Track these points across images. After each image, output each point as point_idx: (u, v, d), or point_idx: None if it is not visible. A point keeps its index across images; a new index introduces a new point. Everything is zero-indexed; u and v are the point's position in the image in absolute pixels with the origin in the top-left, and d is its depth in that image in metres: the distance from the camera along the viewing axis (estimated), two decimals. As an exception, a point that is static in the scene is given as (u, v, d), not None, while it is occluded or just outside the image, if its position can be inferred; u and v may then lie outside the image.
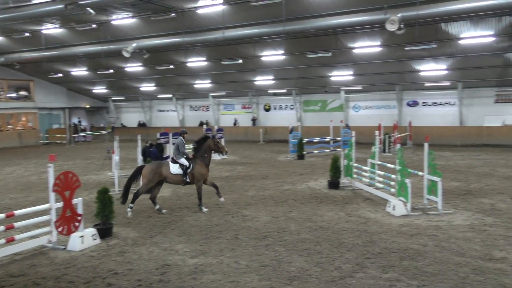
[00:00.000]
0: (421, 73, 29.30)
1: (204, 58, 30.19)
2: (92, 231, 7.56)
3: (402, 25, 18.42)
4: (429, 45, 23.04)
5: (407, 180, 9.09)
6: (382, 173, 11.23)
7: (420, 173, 9.76)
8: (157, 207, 9.91)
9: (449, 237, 7.35)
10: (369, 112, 33.86)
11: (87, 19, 21.43)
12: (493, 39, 23.16)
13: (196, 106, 41.02)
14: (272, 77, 33.19)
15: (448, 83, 30.18)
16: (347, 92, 34.07)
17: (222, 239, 7.58)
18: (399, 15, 17.82)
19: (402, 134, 25.23)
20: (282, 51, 26.70)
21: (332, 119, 24.97)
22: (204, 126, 23.10)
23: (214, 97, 38.81)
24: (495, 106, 29.26)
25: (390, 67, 28.93)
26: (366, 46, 25.58)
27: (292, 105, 36.32)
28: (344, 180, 12.53)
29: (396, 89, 32.01)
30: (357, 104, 34.64)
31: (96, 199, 7.86)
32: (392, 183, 10.13)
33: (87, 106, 43.04)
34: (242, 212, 9.66)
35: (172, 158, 10.06)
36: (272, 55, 27.55)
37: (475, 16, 20.87)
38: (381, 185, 10.98)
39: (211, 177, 15.10)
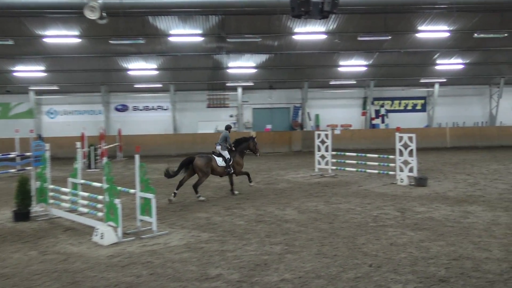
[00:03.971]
0: (129, 72, 30.65)
1: None
2: None
3: (104, 14, 18.82)
4: (137, 40, 24.36)
5: (117, 201, 9.28)
6: (87, 194, 11.13)
7: (132, 191, 10.12)
8: (175, 192, 13.29)
9: (165, 261, 7.90)
10: (69, 118, 33.10)
11: None
12: (202, 38, 26.43)
13: None
14: None
15: (160, 85, 32.63)
16: (38, 93, 32.35)
17: None
18: (99, 1, 18.13)
19: (111, 145, 25.70)
20: None
21: (18, 128, 23.13)
22: None
23: None
24: (207, 111, 33.40)
25: (93, 63, 29.10)
26: (61, 36, 24.99)
27: (-43, 109, 31.81)
28: (36, 208, 11.83)
29: (102, 90, 32.43)
30: (52, 108, 33.31)
31: None
32: (100, 205, 10.15)
33: None
34: None
35: (214, 152, 13.97)
36: None
37: (183, 12, 23.35)
38: (86, 210, 10.85)
39: None
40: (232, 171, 14.13)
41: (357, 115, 35.22)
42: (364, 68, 31.94)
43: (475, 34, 25.56)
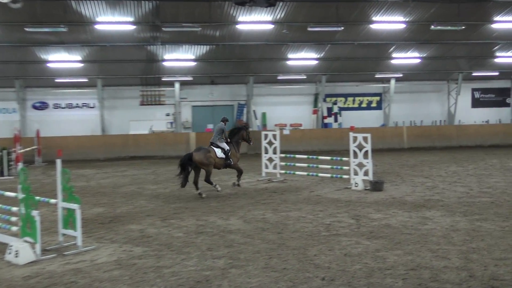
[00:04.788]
0: (49, 65, 29.87)
1: None
2: None
3: (18, -3, 18.27)
4: (58, 27, 23.75)
5: (35, 212, 9.01)
6: (-2, 206, 10.77)
7: (53, 201, 9.87)
8: (199, 191, 14.87)
9: (91, 281, 7.73)
10: (-22, 118, 31.92)
11: None
12: (133, 27, 26.07)
13: None
14: None
15: (85, 80, 31.96)
16: None
17: None
18: (13, -18, 17.59)
19: (28, 148, 24.92)
20: None
21: None
22: None
23: None
24: (141, 109, 32.98)
25: (6, 54, 28.22)
26: (-33, 21, 24.04)
27: None
28: None
29: (17, 85, 31.45)
30: (-44, 106, 32.05)
31: None
32: (14, 218, 9.83)
33: None
34: None
35: (213, 143, 15.34)
36: None
37: (111, -3, 22.91)
38: (-3, 224, 10.49)
39: None
40: (232, 163, 15.68)
41: (307, 113, 35.78)
42: (315, 62, 32.49)
43: (432, 26, 26.56)
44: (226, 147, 15.50)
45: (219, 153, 15.23)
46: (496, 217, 11.44)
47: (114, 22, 25.03)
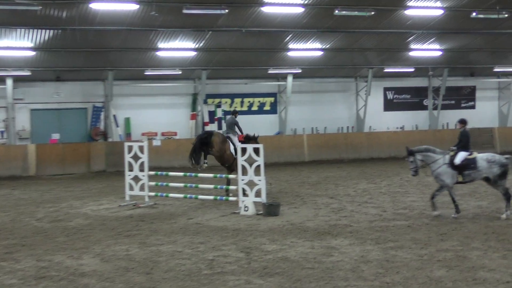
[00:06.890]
0: None
1: None
2: None
3: None
4: None
5: None
6: None
7: None
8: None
9: None
10: None
11: None
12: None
13: None
14: None
15: None
16: None
17: None
18: None
19: None
20: None
21: None
22: None
23: None
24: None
25: None
26: None
27: None
28: None
29: None
30: None
31: None
32: None
33: None
34: None
35: (229, 136, 19.10)
36: None
37: None
38: None
39: None
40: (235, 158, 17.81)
41: (184, 118, 35.80)
42: (193, 53, 32.59)
43: (336, 11, 27.57)
44: (237, 143, 18.02)
45: (231, 147, 18.38)
46: (413, 243, 12.07)
47: None
